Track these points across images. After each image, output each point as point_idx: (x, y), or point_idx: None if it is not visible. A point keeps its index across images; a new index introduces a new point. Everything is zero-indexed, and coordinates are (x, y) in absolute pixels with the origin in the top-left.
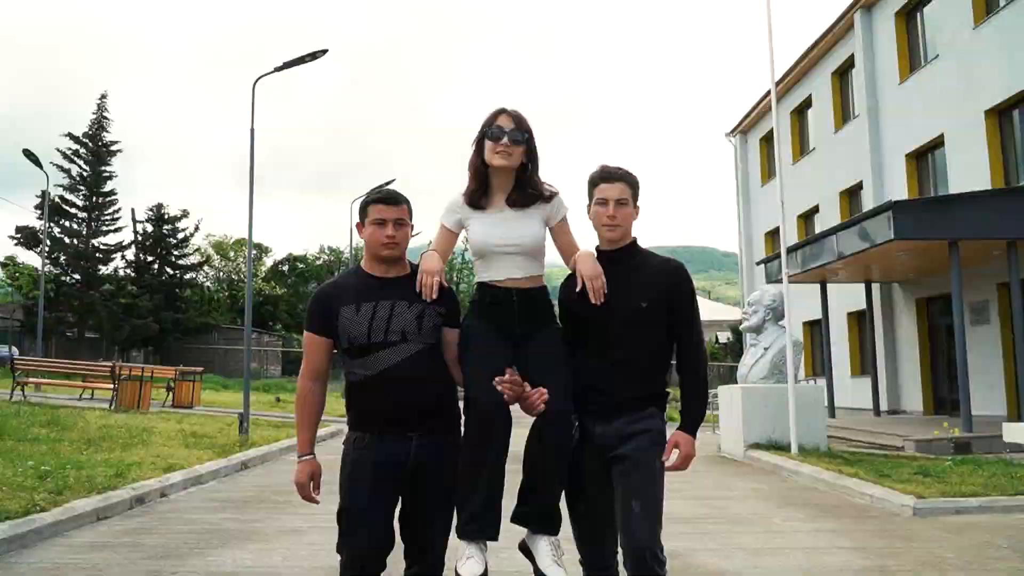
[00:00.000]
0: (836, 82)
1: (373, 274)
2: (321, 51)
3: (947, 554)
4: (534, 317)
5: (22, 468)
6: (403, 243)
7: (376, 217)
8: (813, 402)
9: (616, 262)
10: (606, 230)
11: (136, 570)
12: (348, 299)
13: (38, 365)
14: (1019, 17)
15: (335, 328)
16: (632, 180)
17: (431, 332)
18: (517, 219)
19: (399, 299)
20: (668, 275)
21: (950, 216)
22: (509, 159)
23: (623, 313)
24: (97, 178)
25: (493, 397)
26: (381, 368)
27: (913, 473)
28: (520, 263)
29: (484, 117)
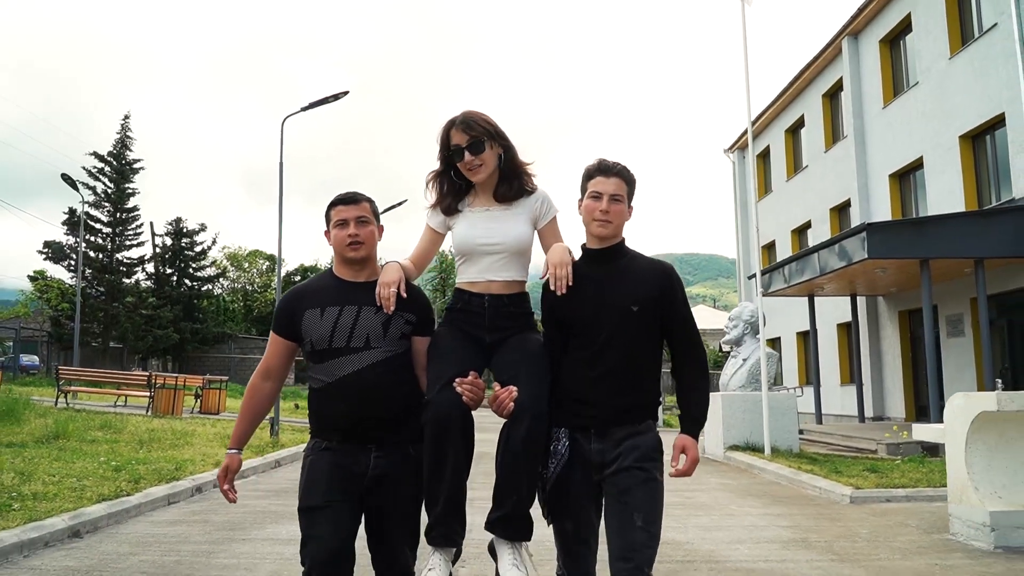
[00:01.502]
0: (826, 103)
1: (343, 278)
2: (343, 92)
3: (862, 530)
4: (505, 325)
5: (96, 463)
6: (369, 242)
7: (338, 219)
8: (786, 409)
9: (604, 261)
10: (597, 225)
11: (214, 537)
12: (314, 302)
13: (79, 375)
14: (990, 49)
15: (298, 330)
16: (629, 177)
17: (398, 340)
18: (504, 218)
19: (366, 304)
20: (659, 276)
21: (921, 236)
22: (483, 171)
23: (612, 316)
24: (121, 195)
25: (448, 397)
26: (340, 375)
27: (862, 470)
28: (501, 264)
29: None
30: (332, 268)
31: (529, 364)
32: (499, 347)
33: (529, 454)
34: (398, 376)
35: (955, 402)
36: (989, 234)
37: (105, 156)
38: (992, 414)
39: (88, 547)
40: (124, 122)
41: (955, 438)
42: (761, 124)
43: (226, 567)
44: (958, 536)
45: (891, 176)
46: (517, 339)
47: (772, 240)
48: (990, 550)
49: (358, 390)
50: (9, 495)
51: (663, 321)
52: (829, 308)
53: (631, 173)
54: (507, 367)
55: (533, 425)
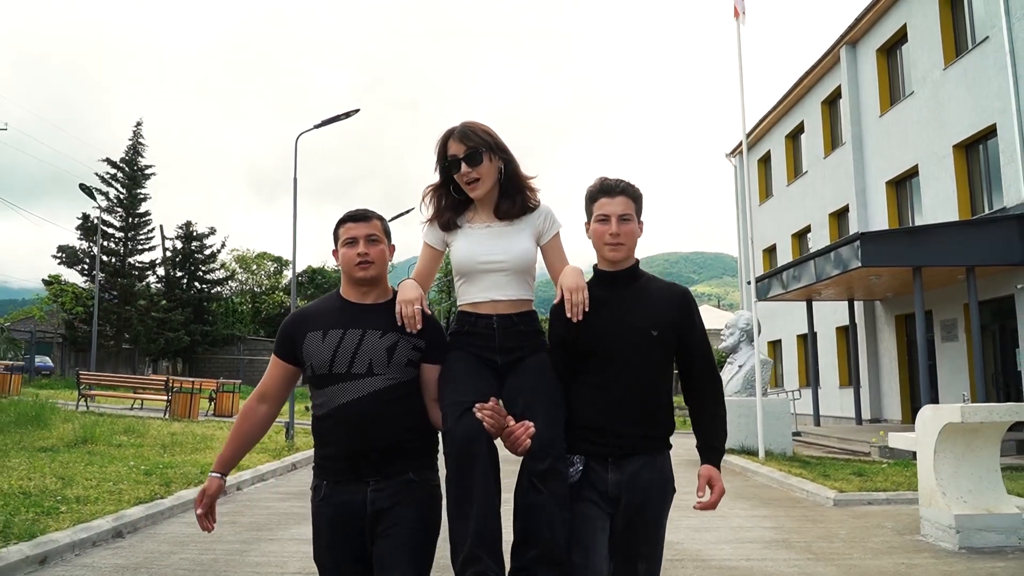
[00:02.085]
0: (825, 110)
1: (349, 299)
2: (354, 110)
3: (841, 531)
4: (517, 347)
5: (127, 468)
6: (379, 262)
7: (347, 237)
8: (780, 413)
9: (618, 285)
10: (608, 249)
11: (243, 537)
12: (317, 324)
13: (99, 380)
14: (983, 61)
15: (299, 354)
16: (635, 193)
17: (404, 367)
18: (506, 234)
19: (372, 327)
20: (677, 300)
21: (914, 245)
22: (482, 185)
23: (631, 340)
24: (133, 200)
25: (470, 428)
26: (339, 402)
27: (849, 473)
28: (504, 282)
29: (435, 146)
30: (339, 289)
31: (545, 394)
32: (511, 371)
33: (557, 496)
34: (401, 406)
35: (924, 414)
36: (980, 243)
37: (117, 162)
38: (958, 425)
39: (131, 546)
40: (136, 129)
41: (925, 447)
42: (762, 129)
43: (259, 564)
44: (927, 537)
45: (888, 183)
46: (531, 363)
47: (773, 244)
48: (955, 551)
49: (357, 419)
50: (55, 499)
51: (680, 346)
52: (828, 311)
53: (636, 189)
54: (521, 397)
55: (560, 464)
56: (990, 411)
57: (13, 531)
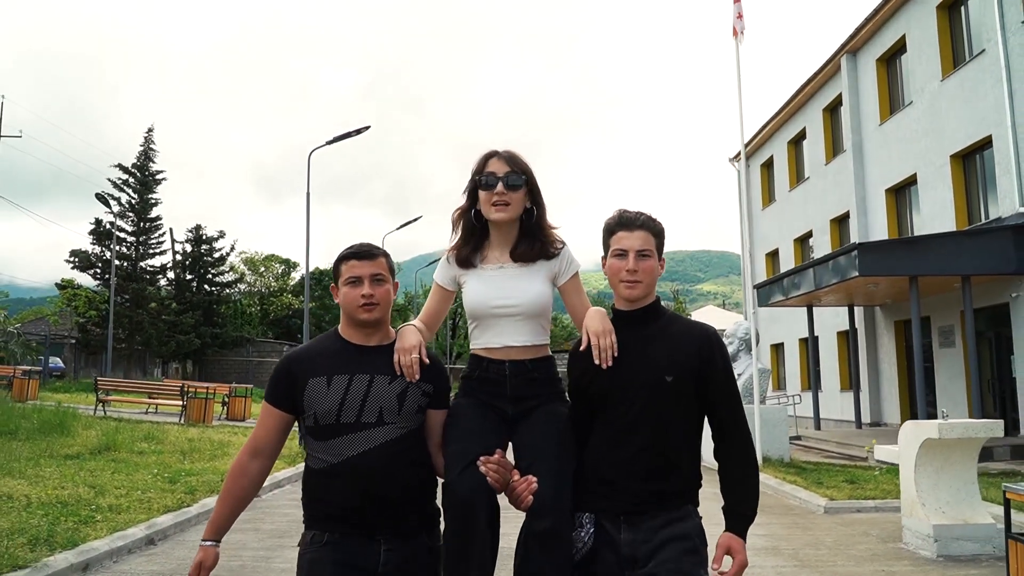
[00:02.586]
0: (827, 117)
1: (352, 341)
2: (365, 127)
3: (828, 539)
4: (530, 395)
5: (151, 476)
6: (384, 303)
7: (350, 276)
8: (777, 421)
9: (635, 325)
10: (625, 287)
11: (267, 544)
12: (319, 369)
13: (115, 385)
14: (979, 73)
15: (299, 402)
16: (655, 228)
17: (414, 414)
18: (520, 276)
19: (379, 372)
20: (699, 342)
21: (910, 255)
22: (508, 210)
23: (643, 388)
24: (145, 205)
25: (473, 481)
26: (348, 455)
27: (842, 480)
28: (520, 328)
29: (474, 163)
30: (338, 329)
31: (553, 448)
32: (522, 422)
33: (558, 562)
34: (413, 456)
35: (906, 429)
36: (975, 252)
37: (129, 168)
38: (936, 440)
39: (163, 553)
40: (147, 135)
41: (906, 460)
42: (765, 135)
43: (284, 571)
44: (908, 546)
45: (887, 190)
46: (542, 414)
47: (775, 248)
48: (933, 558)
49: (368, 472)
50: (89, 508)
51: (701, 395)
52: (829, 316)
53: (657, 223)
54: (528, 449)
55: (564, 525)
56: (966, 427)
57: (56, 540)
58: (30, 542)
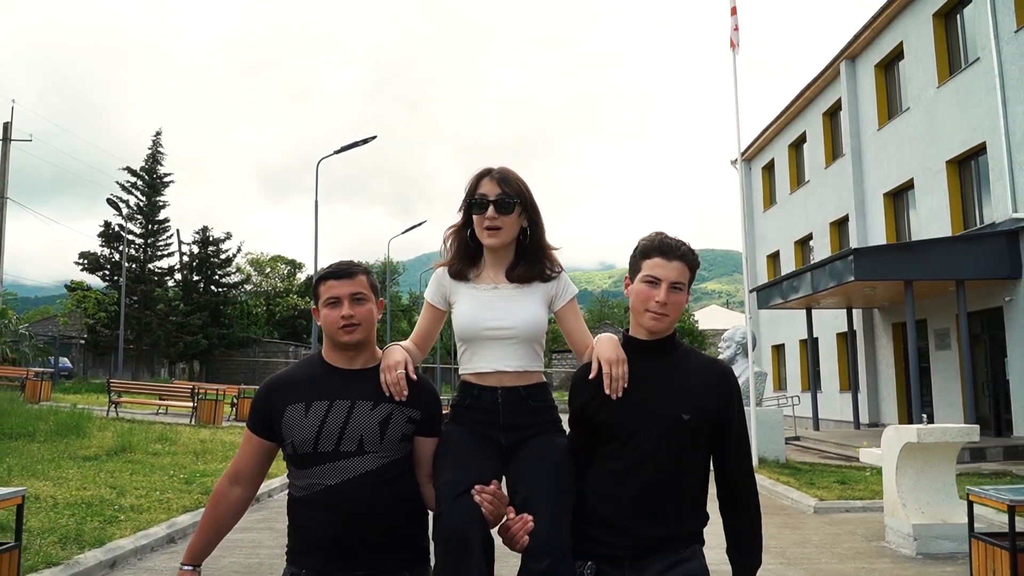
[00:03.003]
0: (827, 122)
1: (334, 365)
2: (371, 137)
3: (815, 538)
4: (525, 424)
5: (168, 477)
6: (367, 323)
7: (328, 296)
8: (773, 423)
9: (651, 356)
10: (651, 318)
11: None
12: (297, 395)
13: (127, 387)
14: (974, 81)
15: (278, 429)
16: (694, 261)
17: (398, 443)
18: (515, 297)
19: (361, 398)
20: (717, 381)
21: (905, 260)
22: (500, 235)
23: (658, 424)
24: (153, 208)
25: (466, 513)
26: (326, 484)
27: (834, 481)
28: (513, 352)
29: (468, 181)
30: (320, 352)
31: (550, 484)
32: (516, 453)
33: None
34: (396, 487)
35: (888, 433)
36: (969, 257)
37: (137, 171)
38: (916, 444)
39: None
40: (155, 138)
41: (889, 463)
42: (766, 137)
43: None
44: (891, 544)
45: (885, 195)
46: (537, 445)
47: (776, 250)
48: (913, 556)
49: (347, 504)
50: (112, 508)
51: (713, 437)
52: (829, 318)
53: (696, 257)
54: (523, 484)
55: (555, 566)
56: (943, 432)
57: (85, 539)
58: (60, 541)
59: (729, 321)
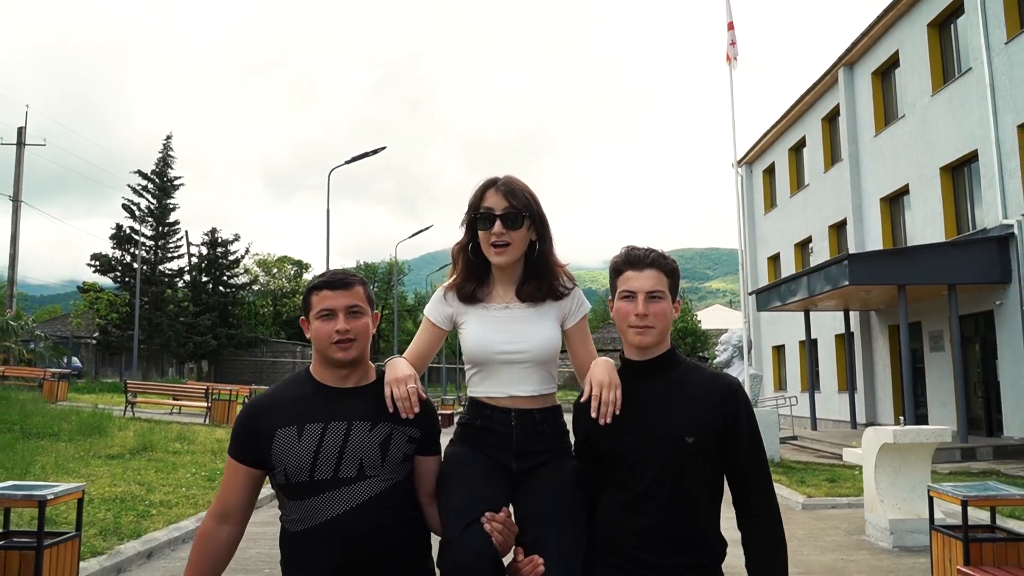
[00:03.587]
0: (825, 127)
1: (325, 383)
2: (381, 147)
3: (800, 532)
4: (538, 450)
5: (191, 475)
6: (362, 339)
7: (322, 308)
8: (768, 423)
9: (649, 376)
10: (634, 333)
11: None
12: (287, 417)
13: (143, 388)
14: (966, 90)
15: (267, 456)
16: (667, 266)
17: (399, 463)
18: (527, 318)
19: (358, 419)
20: (721, 397)
21: (898, 265)
22: (509, 252)
23: (660, 450)
24: (163, 210)
25: (477, 543)
26: (327, 517)
27: (823, 479)
28: (527, 375)
29: (471, 193)
30: (309, 369)
31: (562, 518)
32: (527, 480)
33: None
34: (400, 511)
35: (867, 434)
36: (961, 262)
37: (148, 174)
38: (892, 445)
39: None
40: (166, 142)
41: (868, 462)
42: (767, 141)
43: None
44: (870, 538)
45: (882, 200)
46: (550, 474)
47: (777, 252)
48: (890, 549)
49: (351, 535)
50: (144, 503)
51: (724, 457)
52: (827, 320)
53: (670, 262)
54: (534, 518)
55: None
56: (918, 433)
57: (123, 531)
58: (100, 533)
59: (733, 321)
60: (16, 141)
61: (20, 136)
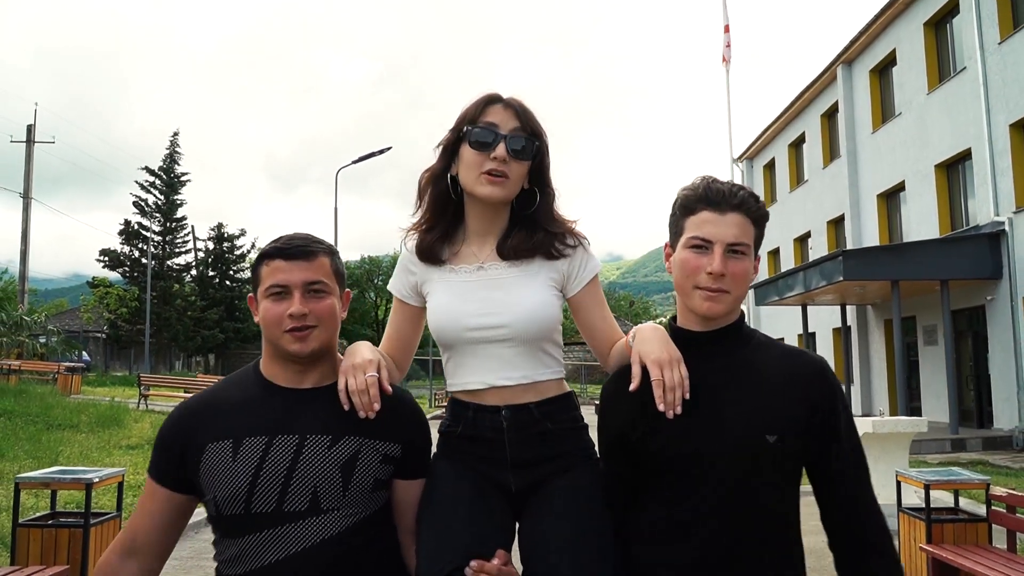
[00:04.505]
0: (824, 123)
1: (276, 383)
2: (387, 148)
3: None
4: (542, 458)
5: None
6: (326, 325)
7: (273, 284)
8: None
9: (713, 354)
10: (703, 297)
11: None
12: (222, 427)
13: (156, 381)
14: (961, 89)
15: (195, 478)
16: (757, 211)
17: (369, 492)
18: (509, 280)
19: (315, 431)
20: (810, 380)
21: (892, 261)
22: (506, 186)
23: (734, 451)
24: (171, 206)
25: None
26: (266, 562)
27: None
28: (514, 358)
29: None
30: (258, 363)
31: (583, 551)
32: (533, 501)
33: None
34: (370, 557)
35: None
36: (953, 258)
37: (156, 171)
38: (871, 434)
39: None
40: (173, 138)
41: None
42: (768, 137)
43: None
44: None
45: (879, 196)
46: (563, 495)
47: (777, 247)
48: None
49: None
50: None
51: (814, 461)
52: (826, 313)
53: (761, 206)
54: (545, 553)
55: None
56: (895, 424)
57: None
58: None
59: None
60: (26, 139)
61: (30, 134)
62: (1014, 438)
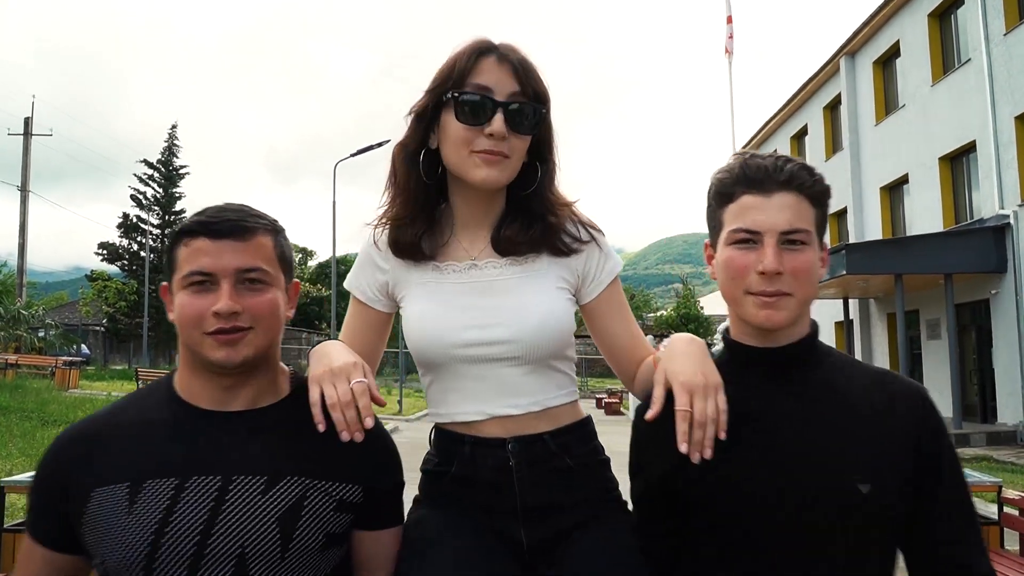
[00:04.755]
0: (827, 115)
1: (193, 403)
2: (385, 141)
3: None
4: (560, 503)
5: None
6: (264, 327)
7: (193, 270)
8: None
9: (779, 377)
10: (757, 304)
11: None
12: (115, 466)
13: (153, 375)
14: (966, 81)
15: (79, 534)
16: (814, 187)
17: (317, 553)
18: (512, 283)
19: (244, 470)
20: (909, 412)
21: (895, 254)
22: (505, 167)
23: (815, 502)
24: (170, 199)
25: None
26: None
27: None
28: (521, 381)
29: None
30: (171, 378)
31: None
32: (551, 559)
33: None
34: None
35: None
36: (957, 252)
37: (154, 163)
38: None
39: None
40: (171, 131)
41: None
42: (770, 129)
43: None
44: None
45: (882, 188)
46: (591, 545)
47: None
48: None
49: None
50: None
51: (913, 512)
52: (828, 307)
53: (817, 179)
54: None
55: None
56: None
57: None
58: None
59: None
60: (23, 131)
61: (27, 126)
62: (1018, 433)
